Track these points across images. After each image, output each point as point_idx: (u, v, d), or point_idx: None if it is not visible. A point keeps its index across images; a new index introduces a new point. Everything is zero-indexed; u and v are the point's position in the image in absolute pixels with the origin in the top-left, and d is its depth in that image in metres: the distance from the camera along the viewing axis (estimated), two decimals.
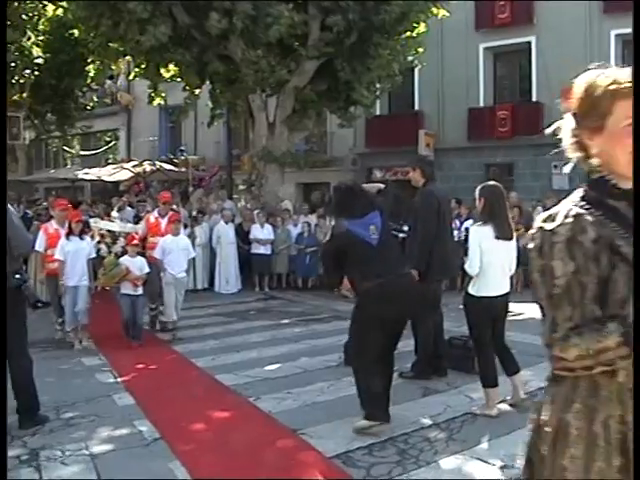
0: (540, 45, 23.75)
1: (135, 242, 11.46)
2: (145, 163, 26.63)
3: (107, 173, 27.91)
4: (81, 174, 29.22)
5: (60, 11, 25.01)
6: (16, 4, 22.79)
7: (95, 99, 32.74)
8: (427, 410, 7.14)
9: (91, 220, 13.24)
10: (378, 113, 26.36)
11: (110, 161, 34.88)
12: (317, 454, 5.94)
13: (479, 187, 7.19)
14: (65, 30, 25.06)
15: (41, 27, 25.70)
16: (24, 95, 26.15)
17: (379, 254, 6.53)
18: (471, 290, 7.03)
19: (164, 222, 12.49)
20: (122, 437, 6.49)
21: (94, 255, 11.22)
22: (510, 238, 7.06)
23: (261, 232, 17.83)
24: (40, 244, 11.07)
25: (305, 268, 18.06)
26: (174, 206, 15.98)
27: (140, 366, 9.41)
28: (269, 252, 17.84)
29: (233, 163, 25.86)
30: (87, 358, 9.99)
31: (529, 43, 24.38)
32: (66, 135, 31.68)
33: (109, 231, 12.51)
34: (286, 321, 13.32)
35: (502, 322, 7.25)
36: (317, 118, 21.96)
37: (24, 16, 23.50)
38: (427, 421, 6.81)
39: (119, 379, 8.76)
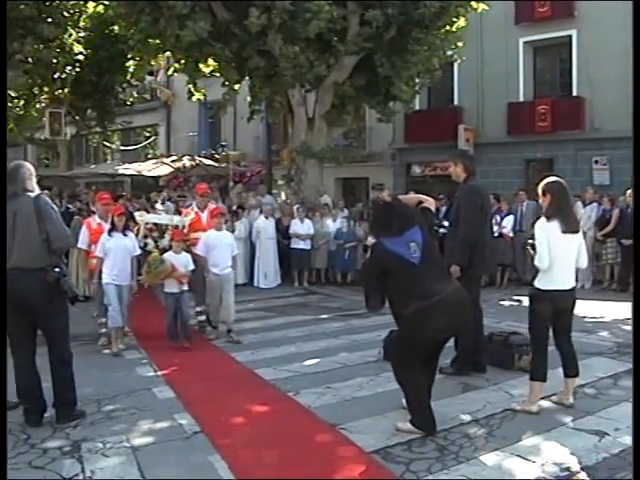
0: (581, 39, 23.50)
1: (180, 237, 11.02)
2: (185, 158, 26.76)
3: (147, 168, 28.08)
4: (121, 169, 29.43)
5: (101, 8, 25.21)
6: (57, 1, 23.00)
7: (135, 95, 32.95)
8: (466, 406, 7.12)
9: (136, 213, 12.87)
10: (417, 108, 26.29)
11: (150, 156, 35.10)
12: (356, 449, 5.95)
13: (543, 183, 7.20)
14: (105, 27, 25.25)
15: (82, 24, 25.90)
16: (65, 91, 26.39)
17: (422, 274, 6.28)
18: (538, 284, 7.04)
19: (204, 216, 11.89)
20: (162, 430, 6.54)
21: (139, 252, 10.73)
22: (577, 231, 7.09)
23: (301, 227, 17.87)
24: (83, 240, 10.80)
25: (344, 263, 18.04)
26: (212, 200, 15.96)
27: (180, 360, 9.45)
28: (308, 247, 17.86)
29: (272, 158, 25.91)
30: (127, 352, 10.08)
31: (570, 37, 24.10)
32: (106, 131, 31.93)
33: (155, 224, 12.04)
34: (325, 316, 13.34)
35: (568, 318, 7.20)
36: (356, 113, 21.96)
37: (65, 13, 23.68)
38: (466, 417, 6.79)
39: (159, 372, 8.83)
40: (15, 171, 6.69)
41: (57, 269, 6.60)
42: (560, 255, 6.91)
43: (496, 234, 13.14)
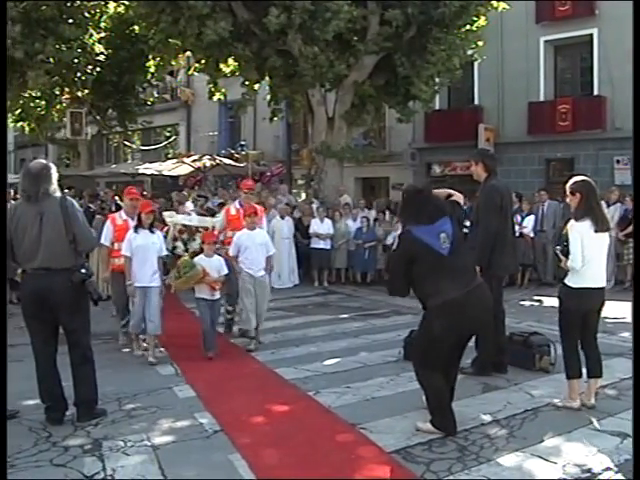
0: (602, 37, 23.36)
1: (212, 240, 10.13)
2: (205, 158, 26.81)
3: (167, 168, 28.16)
4: (141, 169, 29.54)
5: (121, 8, 25.34)
6: (78, 2, 23.11)
7: (155, 95, 33.07)
8: (487, 406, 7.10)
9: (166, 214, 12.22)
10: (437, 107, 26.22)
11: (170, 156, 35.21)
12: (377, 449, 5.94)
13: (571, 182, 7.15)
14: (126, 27, 25.37)
15: (103, 24, 26.04)
16: (86, 91, 26.52)
17: (449, 266, 6.25)
18: (569, 282, 7.05)
19: None
20: (183, 429, 6.56)
21: (165, 252, 10.07)
22: (607, 230, 7.09)
23: (321, 227, 17.86)
24: (106, 237, 10.19)
25: (363, 263, 18.04)
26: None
27: (200, 359, 9.47)
28: (328, 247, 17.83)
29: (292, 158, 25.92)
30: (149, 351, 10.09)
31: (591, 35, 23.96)
32: (127, 130, 32.04)
33: (185, 226, 11.43)
34: (345, 316, 13.32)
35: (596, 318, 7.19)
36: (376, 113, 21.90)
37: (86, 14, 23.79)
38: (487, 418, 6.77)
39: (179, 371, 8.85)
40: (39, 172, 6.69)
41: (83, 270, 6.68)
42: (593, 254, 6.93)
43: (517, 234, 13.06)
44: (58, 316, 6.67)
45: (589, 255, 6.89)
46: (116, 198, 20.37)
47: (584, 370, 7.18)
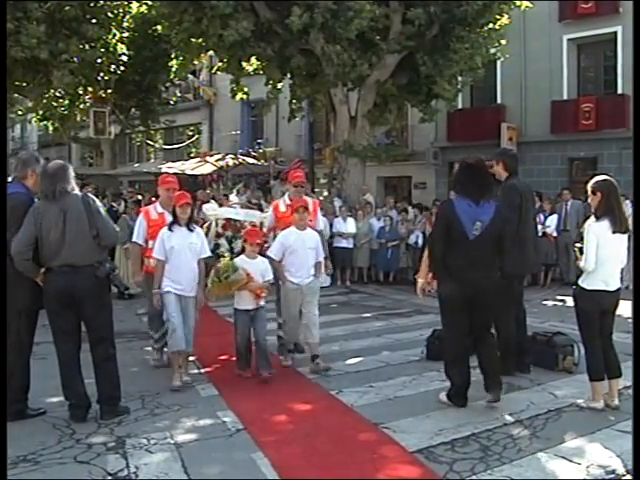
0: (626, 35, 23.18)
1: (256, 240, 8.69)
2: (228, 157, 26.87)
3: (190, 167, 28.24)
4: (164, 168, 29.62)
5: (144, 8, 25.44)
6: (102, 2, 23.23)
7: (178, 94, 33.17)
8: (510, 407, 7.06)
9: (206, 207, 10.64)
10: (460, 106, 26.14)
11: (192, 155, 35.33)
12: (399, 448, 5.93)
13: (592, 182, 7.13)
14: (149, 27, 25.47)
15: (125, 24, 26.15)
16: (109, 91, 26.65)
17: (472, 249, 6.69)
18: (582, 283, 7.05)
19: None
20: (206, 427, 6.57)
21: (208, 253, 8.51)
22: (626, 231, 7.02)
23: (343, 225, 17.85)
24: (139, 234, 8.81)
25: (386, 262, 18.03)
26: (256, 200, 15.93)
27: (223, 357, 9.48)
28: (351, 246, 17.84)
29: (314, 157, 25.94)
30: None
31: (614, 33, 23.81)
32: (149, 129, 32.19)
33: (230, 221, 10.02)
34: (367, 315, 13.32)
35: (610, 320, 7.14)
36: (398, 112, 21.89)
37: (109, 14, 23.90)
38: (510, 418, 6.74)
39: (202, 370, 8.86)
40: (59, 171, 6.77)
41: (107, 265, 6.78)
42: (608, 255, 6.88)
43: (539, 234, 13.01)
44: (82, 313, 6.72)
45: (604, 256, 6.86)
46: (138, 197, 20.40)
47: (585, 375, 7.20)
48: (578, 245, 7.17)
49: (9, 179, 7.30)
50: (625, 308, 7.41)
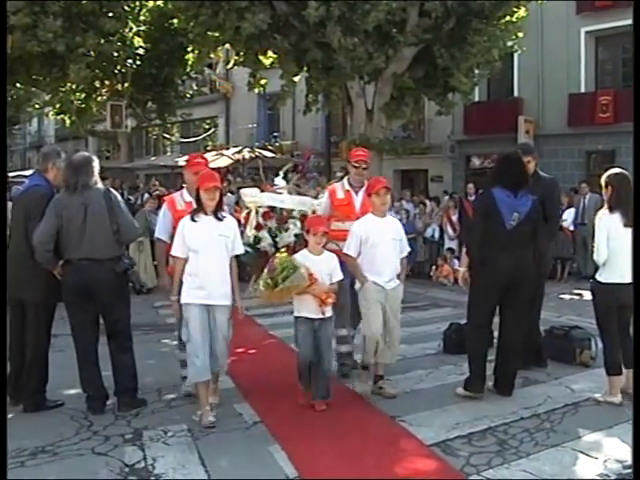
0: None
1: (322, 227, 6.95)
2: (245, 150, 26.88)
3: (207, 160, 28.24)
4: (181, 161, 29.67)
5: (160, 2, 25.47)
6: None
7: (194, 87, 33.21)
8: (527, 401, 7.05)
9: (245, 192, 8.22)
10: (477, 99, 26.06)
11: (209, 148, 35.37)
12: (416, 442, 5.94)
13: (606, 175, 7.19)
14: (165, 20, 25.49)
15: (142, 18, 26.21)
16: (126, 84, 26.72)
17: (508, 239, 6.86)
18: (599, 277, 7.10)
19: (359, 197, 7.95)
20: (222, 420, 6.55)
21: (241, 250, 6.80)
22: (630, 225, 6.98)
23: None
24: (162, 228, 7.41)
25: None
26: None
27: (240, 350, 9.49)
28: None
29: (331, 150, 25.91)
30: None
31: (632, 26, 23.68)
32: (166, 123, 32.26)
33: (273, 209, 7.73)
34: None
35: (628, 313, 7.06)
36: (415, 105, 21.82)
37: (126, 7, 23.97)
38: (527, 412, 6.72)
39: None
40: (84, 163, 6.80)
41: (127, 260, 6.86)
42: (621, 248, 6.86)
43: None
44: (100, 305, 6.76)
45: (616, 249, 6.87)
46: (163, 190, 20.42)
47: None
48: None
49: (30, 172, 7.39)
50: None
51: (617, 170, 7.18)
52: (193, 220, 6.52)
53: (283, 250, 7.05)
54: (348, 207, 7.92)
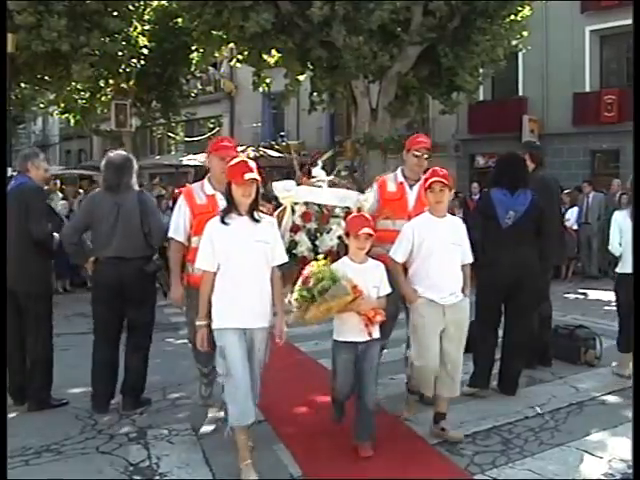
0: None
1: (366, 228, 5.52)
2: (249, 149, 26.89)
3: None
4: (185, 160, 29.72)
5: (165, 1, 25.46)
6: None
7: (199, 86, 33.19)
8: (532, 400, 7.06)
9: (277, 186, 6.59)
10: (481, 98, 26.04)
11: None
12: (421, 441, 5.95)
13: (631, 180, 8.18)
14: (169, 19, 25.46)
15: (146, 17, 26.15)
16: (130, 83, 26.71)
17: (505, 236, 6.89)
18: (618, 270, 7.97)
19: (413, 192, 6.75)
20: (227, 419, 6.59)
21: (285, 258, 5.59)
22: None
23: None
24: (178, 226, 6.21)
25: None
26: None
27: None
28: None
29: (335, 149, 25.92)
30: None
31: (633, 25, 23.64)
32: (170, 122, 32.18)
33: (313, 206, 6.37)
34: None
35: None
36: (419, 104, 21.81)
37: (130, 6, 23.94)
38: (531, 411, 6.72)
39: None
40: (123, 164, 6.97)
41: (157, 261, 6.91)
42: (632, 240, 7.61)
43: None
44: (125, 303, 6.83)
45: (627, 241, 7.72)
46: (161, 190, 20.47)
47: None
48: None
49: (14, 173, 7.50)
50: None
51: None
52: (224, 222, 5.29)
53: (321, 257, 5.72)
54: (400, 203, 6.76)
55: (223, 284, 5.26)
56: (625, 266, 7.80)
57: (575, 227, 17.56)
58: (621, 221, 7.87)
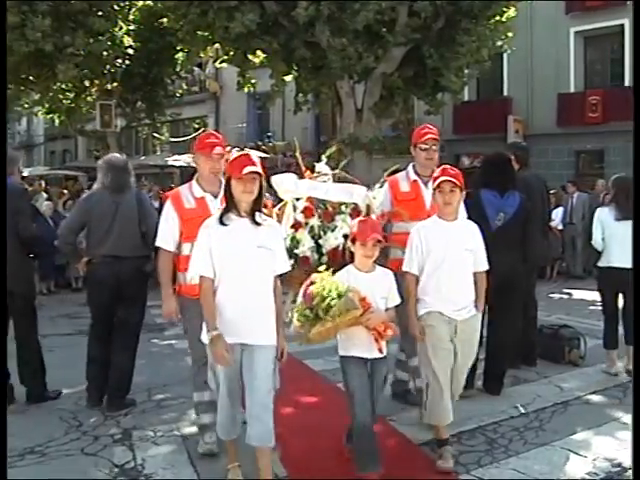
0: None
1: (375, 232, 4.97)
2: (234, 150, 26.82)
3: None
4: (170, 160, 29.67)
5: (150, 1, 25.40)
6: None
7: (184, 87, 33.13)
8: (516, 399, 7.07)
9: (276, 179, 6.01)
10: (466, 99, 26.12)
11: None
12: (406, 441, 5.96)
13: (612, 179, 8.35)
14: (155, 19, 25.40)
15: (131, 17, 26.09)
16: (115, 84, 26.63)
17: (495, 238, 6.53)
18: (600, 264, 8.13)
19: (429, 190, 6.08)
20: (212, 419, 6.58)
21: (288, 266, 5.02)
22: (623, 218, 7.85)
23: None
24: (165, 234, 5.70)
25: None
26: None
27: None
28: None
29: (321, 149, 25.94)
30: (177, 341, 10.05)
31: (622, 26, 23.77)
32: (155, 122, 32.12)
33: (316, 202, 5.76)
34: None
35: (629, 295, 7.81)
36: (404, 104, 21.87)
37: (115, 6, 23.88)
38: (516, 411, 6.74)
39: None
40: (124, 166, 7.11)
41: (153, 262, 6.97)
42: (614, 237, 7.91)
43: None
44: (119, 302, 6.92)
45: (609, 236, 7.98)
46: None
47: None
48: None
49: None
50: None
51: (622, 175, 8.23)
52: (222, 222, 4.72)
53: (323, 268, 5.05)
54: (416, 203, 6.31)
55: (219, 295, 4.69)
56: (607, 260, 7.99)
57: (560, 227, 17.61)
58: (603, 217, 8.03)
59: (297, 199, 5.77)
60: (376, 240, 4.94)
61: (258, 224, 4.74)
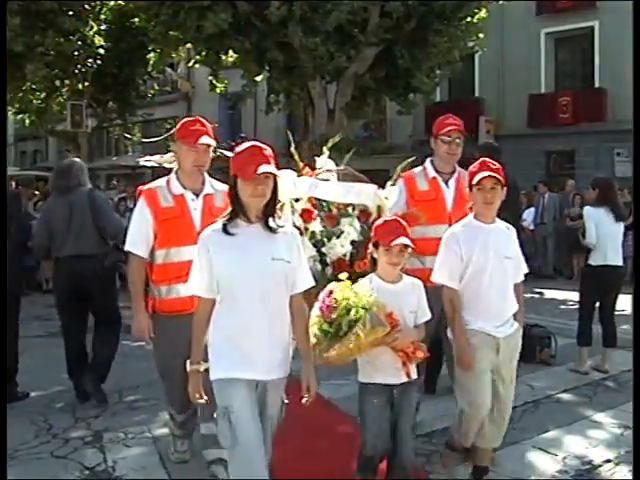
0: (603, 30, 23.36)
1: (404, 240, 4.22)
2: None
3: (168, 160, 28.05)
4: (142, 161, 29.48)
5: (121, 1, 25.28)
6: None
7: (156, 87, 32.99)
8: None
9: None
10: (438, 100, 26.21)
11: (170, 148, 35.14)
12: None
13: (592, 180, 8.53)
14: (126, 19, 25.27)
15: (102, 16, 25.96)
16: (86, 84, 26.48)
17: None
18: (592, 262, 8.19)
19: (450, 189, 5.86)
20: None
21: (310, 282, 4.01)
22: (621, 220, 8.20)
23: None
24: (136, 236, 4.92)
25: None
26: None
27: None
28: None
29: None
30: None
31: (592, 28, 23.99)
32: (127, 123, 31.98)
33: (321, 204, 5.18)
34: None
35: (614, 296, 8.17)
36: (376, 105, 21.90)
37: (86, 6, 23.76)
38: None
39: None
40: (68, 168, 7.34)
41: (114, 255, 7.11)
42: (605, 237, 8.08)
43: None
44: (88, 298, 7.11)
45: (600, 236, 8.04)
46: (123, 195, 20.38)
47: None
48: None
49: None
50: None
51: (602, 176, 8.88)
52: (226, 231, 3.80)
53: (345, 275, 4.20)
54: (435, 204, 5.71)
55: (226, 319, 3.80)
56: (602, 258, 8.08)
57: (532, 227, 17.72)
58: (595, 216, 8.11)
59: (296, 200, 5.12)
60: (403, 245, 4.24)
61: (273, 231, 3.84)
